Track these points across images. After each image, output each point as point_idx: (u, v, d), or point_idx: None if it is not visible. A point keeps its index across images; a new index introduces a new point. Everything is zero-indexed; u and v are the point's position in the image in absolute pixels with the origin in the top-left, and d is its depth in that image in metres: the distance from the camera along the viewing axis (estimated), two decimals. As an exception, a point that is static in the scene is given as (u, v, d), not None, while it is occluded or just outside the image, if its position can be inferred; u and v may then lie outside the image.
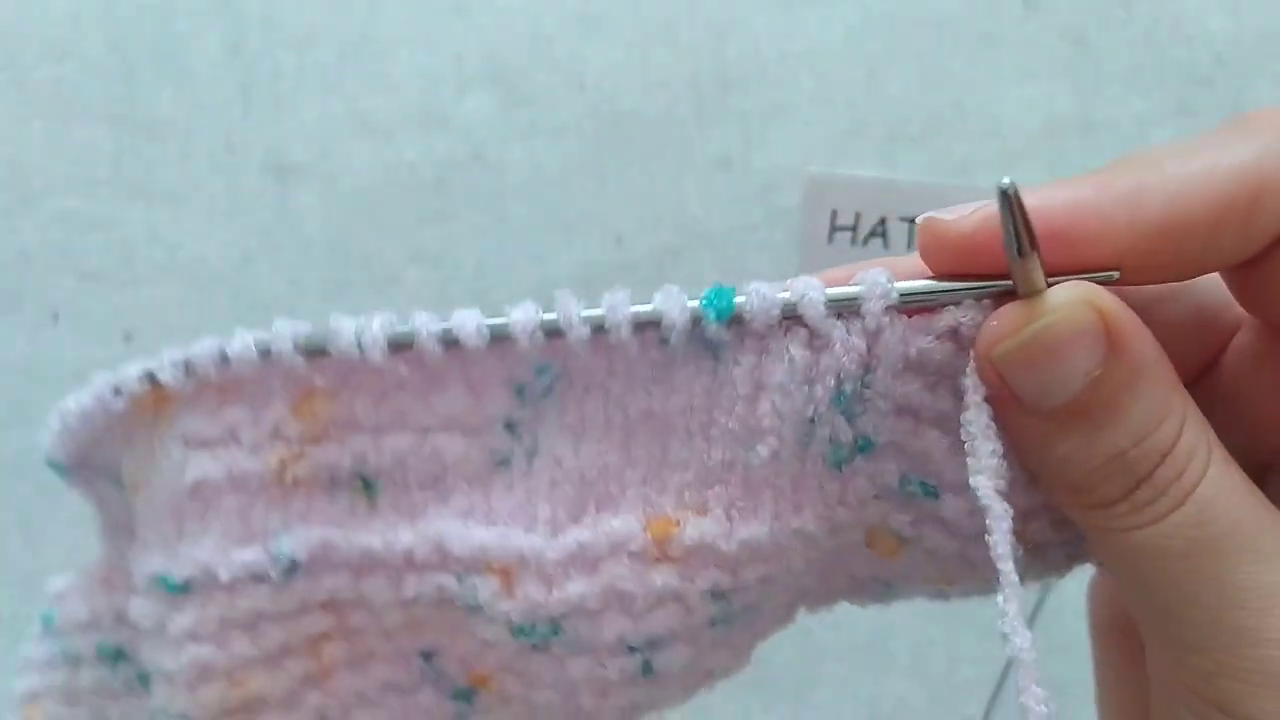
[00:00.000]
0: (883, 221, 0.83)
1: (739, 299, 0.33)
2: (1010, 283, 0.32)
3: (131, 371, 0.35)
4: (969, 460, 0.33)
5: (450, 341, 0.34)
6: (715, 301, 0.33)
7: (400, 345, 0.34)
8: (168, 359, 0.34)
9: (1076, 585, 0.44)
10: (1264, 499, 0.32)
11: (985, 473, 0.33)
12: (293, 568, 0.36)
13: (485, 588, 0.36)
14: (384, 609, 0.37)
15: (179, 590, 0.35)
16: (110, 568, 0.40)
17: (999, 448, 0.33)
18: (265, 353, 0.34)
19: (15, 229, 0.86)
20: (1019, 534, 0.36)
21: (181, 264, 0.85)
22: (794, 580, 0.38)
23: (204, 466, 0.35)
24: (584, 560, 0.35)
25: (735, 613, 0.37)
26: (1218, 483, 0.32)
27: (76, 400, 0.36)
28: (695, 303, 0.34)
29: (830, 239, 0.83)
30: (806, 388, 0.33)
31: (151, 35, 0.83)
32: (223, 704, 0.36)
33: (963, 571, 0.38)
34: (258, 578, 0.36)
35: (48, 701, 0.40)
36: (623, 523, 0.35)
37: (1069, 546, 0.38)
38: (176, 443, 0.35)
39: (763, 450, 0.34)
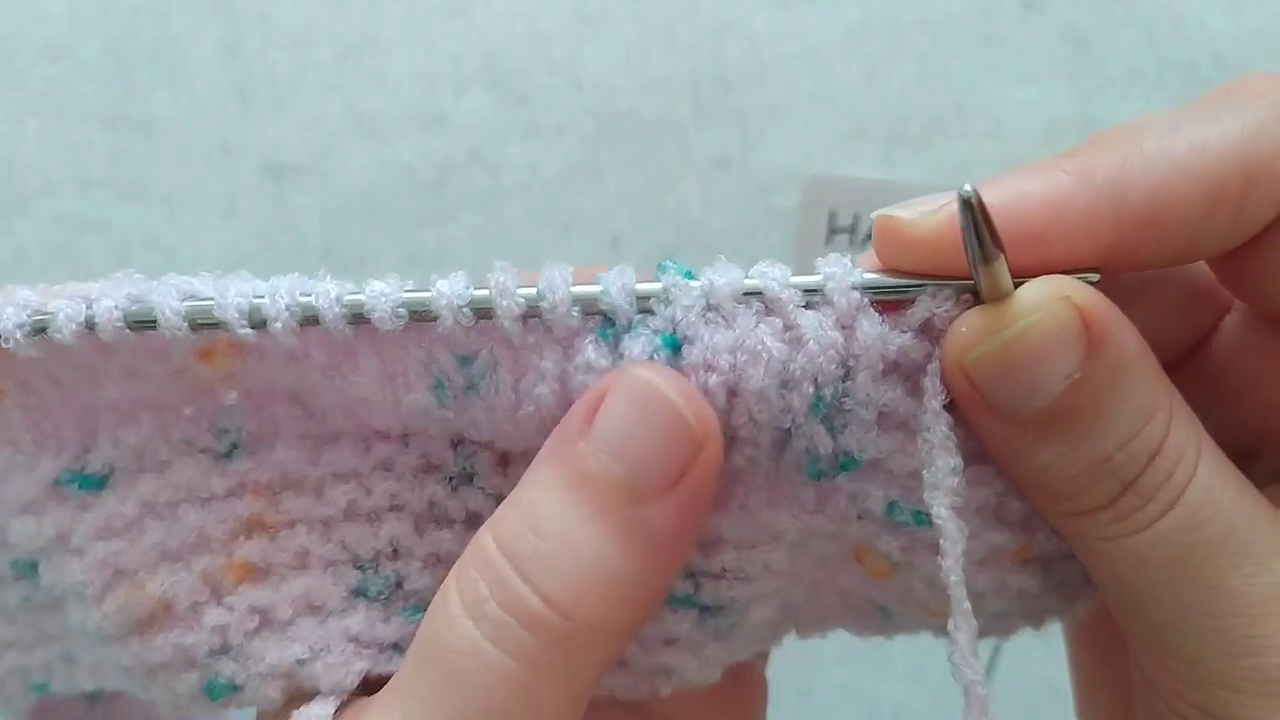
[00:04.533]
0: (882, 223, 0.82)
1: (698, 281, 0.31)
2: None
3: None
4: (925, 473, 0.31)
5: (359, 319, 0.31)
6: (680, 268, 0.31)
7: (306, 322, 0.31)
8: (12, 319, 0.31)
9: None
10: (1255, 493, 0.31)
11: (941, 489, 0.31)
12: (238, 440, 0.34)
13: (481, 461, 0.35)
14: (334, 487, 0.35)
15: (95, 485, 0.34)
16: None
17: (959, 463, 0.31)
18: (141, 323, 0.30)
19: (11, 230, 0.85)
20: (1022, 552, 0.35)
21: (178, 265, 0.84)
22: (777, 588, 0.36)
23: (121, 391, 0.33)
24: None
25: (706, 606, 0.35)
26: (1208, 482, 0.30)
27: None
28: (654, 284, 0.31)
29: (829, 240, 0.83)
30: (785, 394, 0.31)
31: (148, 36, 0.83)
32: (129, 612, 0.34)
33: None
34: (199, 451, 0.34)
35: None
36: None
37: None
38: (74, 369, 0.33)
39: (738, 460, 0.33)
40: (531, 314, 0.31)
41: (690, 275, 0.31)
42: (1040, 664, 0.38)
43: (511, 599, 0.29)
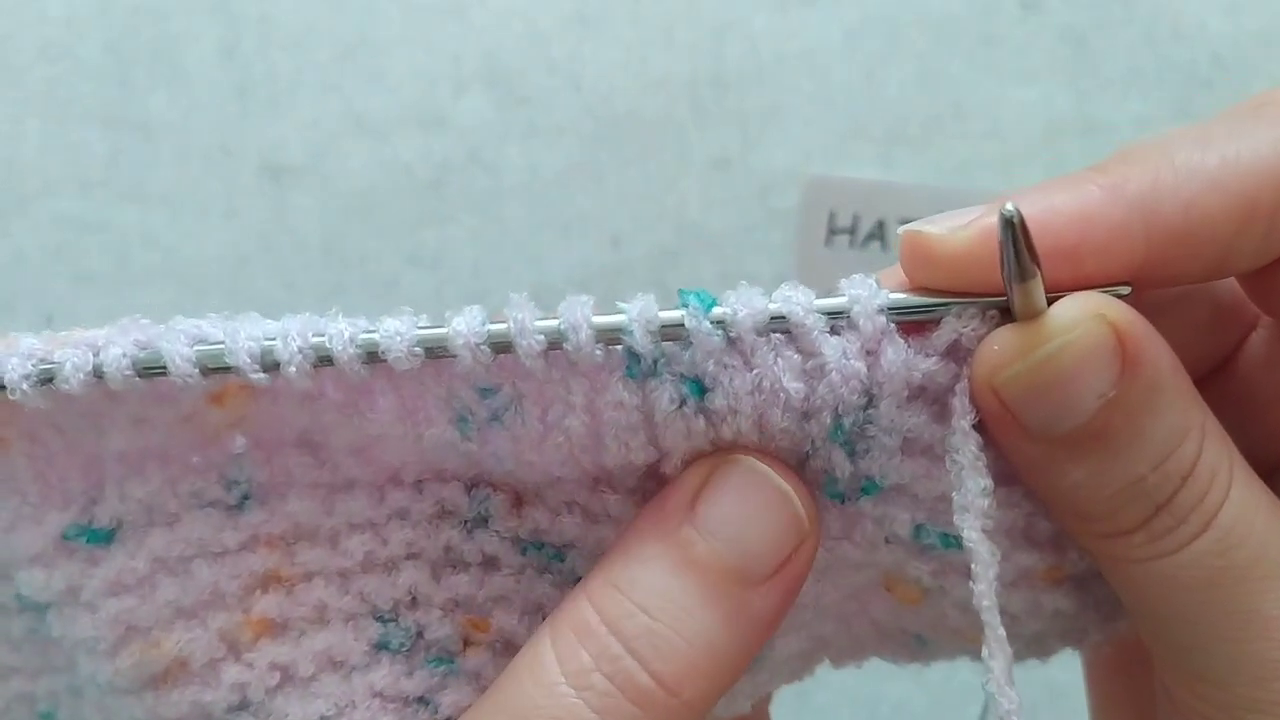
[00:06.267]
0: (881, 224, 0.82)
1: (720, 309, 0.30)
2: (1005, 298, 0.29)
3: None
4: (954, 495, 0.30)
5: (374, 359, 0.30)
6: (702, 299, 0.30)
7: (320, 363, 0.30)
8: (18, 369, 0.30)
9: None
10: None
11: (971, 511, 0.30)
12: (250, 491, 0.33)
13: (496, 504, 0.34)
14: (350, 538, 0.34)
15: (103, 539, 0.33)
16: None
17: (989, 484, 0.30)
18: (149, 371, 0.30)
19: (10, 231, 0.85)
20: (1053, 572, 0.34)
21: (177, 266, 0.84)
22: (801, 621, 0.36)
23: (128, 441, 0.32)
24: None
25: None
26: (1240, 503, 0.29)
27: None
28: (675, 312, 0.30)
29: (829, 241, 0.83)
30: (804, 425, 0.31)
31: (147, 36, 0.83)
32: (144, 668, 0.33)
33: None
34: (209, 503, 0.33)
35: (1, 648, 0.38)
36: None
37: None
38: (80, 416, 0.32)
39: None
40: (553, 347, 0.30)
41: (712, 304, 0.30)
42: (1043, 664, 0.38)
43: (620, 673, 0.30)
